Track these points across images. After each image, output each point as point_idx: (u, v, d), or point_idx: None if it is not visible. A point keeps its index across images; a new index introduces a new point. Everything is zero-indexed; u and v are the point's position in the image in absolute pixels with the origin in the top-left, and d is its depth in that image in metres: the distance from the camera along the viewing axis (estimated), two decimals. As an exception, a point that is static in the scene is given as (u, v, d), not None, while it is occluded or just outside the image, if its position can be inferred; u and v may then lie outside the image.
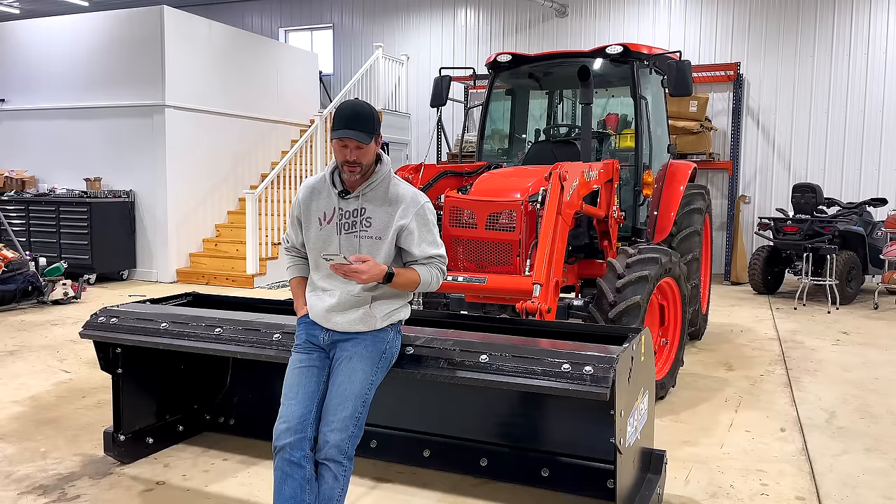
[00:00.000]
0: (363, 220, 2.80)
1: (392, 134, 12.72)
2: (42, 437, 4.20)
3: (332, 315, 2.81)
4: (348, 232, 2.80)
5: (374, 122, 2.74)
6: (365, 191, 2.80)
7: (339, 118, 2.69)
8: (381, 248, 2.79)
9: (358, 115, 2.70)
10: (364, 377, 2.75)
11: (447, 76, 6.41)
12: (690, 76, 5.65)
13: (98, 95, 10.57)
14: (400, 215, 2.79)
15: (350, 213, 2.81)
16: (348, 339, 2.81)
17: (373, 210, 2.80)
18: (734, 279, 10.77)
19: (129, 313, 3.65)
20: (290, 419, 2.67)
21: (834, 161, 10.77)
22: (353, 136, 2.66)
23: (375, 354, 2.81)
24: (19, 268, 8.14)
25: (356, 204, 2.81)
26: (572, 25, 12.21)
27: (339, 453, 2.65)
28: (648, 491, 3.18)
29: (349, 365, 2.76)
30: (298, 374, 2.80)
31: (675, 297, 5.09)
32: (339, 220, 2.81)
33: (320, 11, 14.33)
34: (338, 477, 2.65)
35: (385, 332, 2.86)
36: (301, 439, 2.64)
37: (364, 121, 2.70)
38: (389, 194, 2.81)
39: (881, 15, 10.41)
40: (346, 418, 2.67)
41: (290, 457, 2.62)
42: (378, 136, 2.77)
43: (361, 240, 2.79)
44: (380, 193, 2.81)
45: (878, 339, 6.94)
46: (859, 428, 4.46)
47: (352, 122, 2.68)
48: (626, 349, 2.84)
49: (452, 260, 4.87)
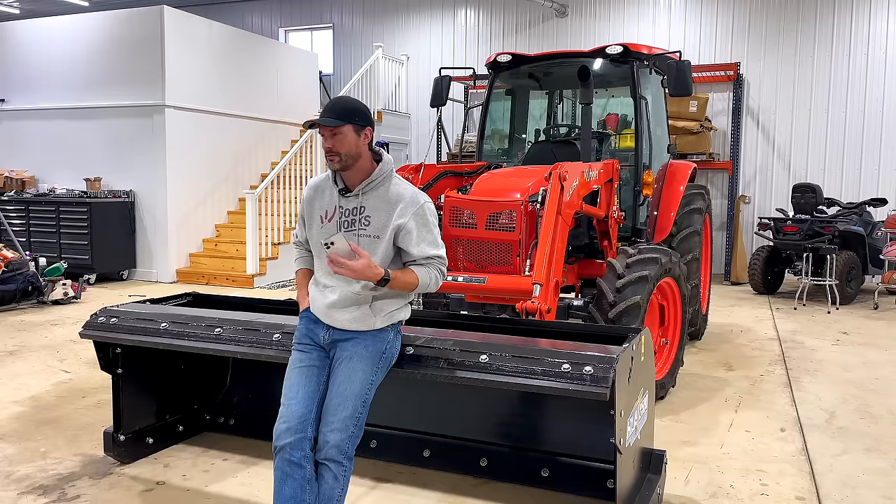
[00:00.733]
0: (362, 218, 2.80)
1: (392, 134, 12.72)
2: (42, 437, 4.20)
3: (332, 311, 2.81)
4: (348, 230, 2.80)
5: (353, 111, 2.72)
6: (365, 189, 2.80)
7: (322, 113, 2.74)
8: (378, 248, 2.79)
9: (334, 104, 2.75)
10: (364, 377, 2.75)
11: (447, 76, 6.41)
12: (690, 76, 5.65)
13: (98, 95, 10.57)
14: (398, 214, 2.78)
15: (350, 212, 2.82)
16: (348, 338, 2.81)
17: (372, 209, 2.80)
18: (734, 279, 10.77)
19: (129, 313, 3.65)
20: (290, 419, 2.67)
21: (834, 161, 10.77)
22: (321, 121, 2.69)
23: (375, 354, 2.80)
24: (19, 268, 8.14)
25: (356, 202, 2.81)
26: (572, 25, 12.21)
27: (339, 453, 2.65)
28: (648, 491, 3.18)
29: (349, 365, 2.76)
30: (298, 374, 2.80)
31: (675, 297, 5.09)
32: (340, 218, 2.82)
33: (320, 11, 14.33)
34: (338, 477, 2.65)
35: (385, 333, 2.86)
36: (301, 439, 2.64)
37: (338, 109, 2.72)
38: (390, 193, 2.81)
39: (881, 15, 10.41)
40: (345, 418, 2.67)
41: (290, 457, 2.62)
42: (364, 129, 2.75)
43: (360, 238, 2.79)
44: (380, 192, 2.81)
45: (878, 339, 6.94)
46: (859, 428, 4.46)
47: (326, 112, 2.72)
48: (626, 349, 2.83)
49: (452, 260, 4.87)
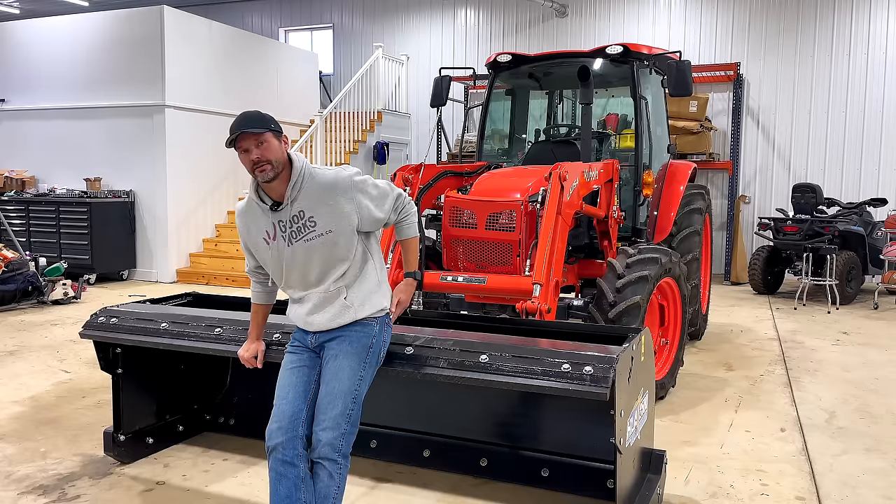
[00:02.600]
0: (306, 222, 2.74)
1: (392, 134, 12.73)
2: (42, 437, 4.20)
3: (312, 318, 2.82)
4: (297, 240, 2.75)
5: (267, 119, 2.70)
6: (292, 195, 2.73)
7: (230, 131, 2.67)
8: (337, 242, 2.75)
9: (245, 117, 2.69)
10: (351, 373, 2.74)
11: (447, 76, 6.41)
12: (690, 76, 5.65)
13: (98, 95, 10.57)
14: (343, 204, 2.74)
15: (290, 222, 2.75)
16: (333, 337, 2.81)
17: (310, 209, 2.74)
18: (734, 279, 10.77)
19: (129, 313, 3.65)
20: (282, 419, 2.69)
21: (834, 161, 10.77)
22: (247, 131, 2.63)
23: (361, 350, 2.80)
24: (19, 268, 8.14)
25: (292, 211, 2.74)
26: (572, 25, 12.21)
27: (332, 451, 2.65)
28: (648, 491, 3.18)
29: (335, 363, 2.76)
30: (289, 375, 2.82)
31: (675, 297, 5.09)
32: (284, 232, 2.76)
33: (320, 11, 14.34)
34: (333, 475, 2.65)
35: (369, 327, 2.84)
36: (292, 438, 2.66)
37: (253, 119, 2.68)
38: (318, 187, 2.74)
39: (881, 15, 10.41)
40: (336, 416, 2.67)
41: (282, 456, 2.64)
42: (282, 136, 2.73)
43: (314, 242, 2.74)
44: (309, 190, 2.74)
45: (878, 339, 6.94)
46: (859, 428, 4.45)
47: (240, 126, 2.65)
48: (626, 349, 2.83)
49: (452, 260, 4.88)
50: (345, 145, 11.77)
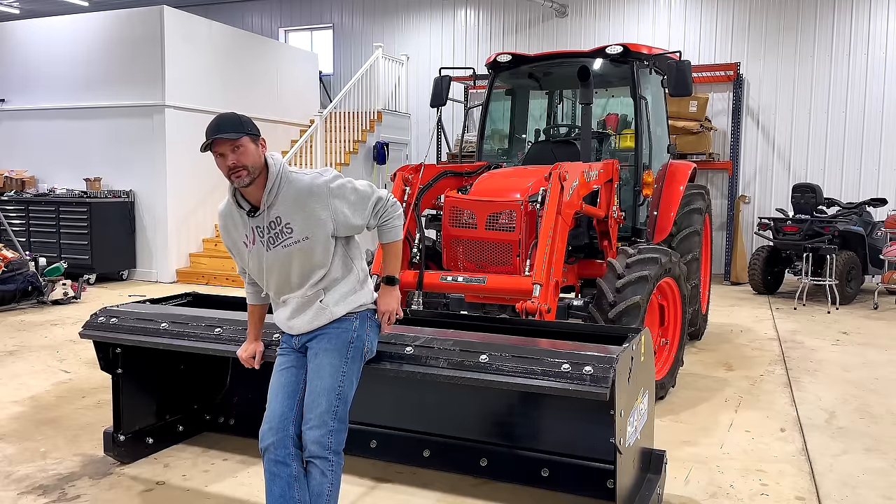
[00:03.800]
0: (283, 228, 2.70)
1: (392, 134, 12.73)
2: (42, 437, 4.20)
3: (292, 322, 2.83)
4: (275, 245, 2.73)
5: (244, 123, 2.64)
6: (269, 200, 2.69)
7: (206, 134, 2.63)
8: (314, 249, 2.72)
9: (222, 119, 2.64)
10: (333, 370, 2.74)
11: (447, 76, 6.41)
12: (690, 76, 5.65)
13: (98, 95, 10.57)
14: (319, 211, 2.69)
15: (268, 228, 2.72)
16: (314, 336, 2.82)
17: (287, 214, 2.69)
18: (734, 279, 10.77)
19: (129, 313, 3.65)
20: (272, 420, 2.71)
21: (834, 161, 10.77)
22: (222, 136, 2.59)
23: (342, 346, 2.79)
24: (19, 268, 8.14)
25: (269, 217, 2.70)
26: (572, 25, 12.21)
27: (321, 449, 2.65)
28: (648, 491, 3.18)
29: (316, 361, 2.77)
30: (279, 377, 2.84)
31: (675, 297, 5.09)
32: (262, 238, 2.74)
33: (320, 11, 14.33)
34: (325, 472, 2.65)
35: (348, 322, 2.82)
36: (283, 438, 2.67)
37: (228, 123, 2.62)
38: (295, 193, 2.70)
39: (881, 15, 10.41)
40: (322, 414, 2.67)
41: (274, 456, 2.65)
42: (259, 138, 2.68)
43: (291, 249, 2.71)
44: (286, 196, 2.69)
45: (878, 339, 6.94)
46: (859, 428, 4.45)
47: (216, 130, 2.61)
48: (626, 349, 2.83)
49: (452, 260, 4.88)
50: (345, 145, 11.77)
